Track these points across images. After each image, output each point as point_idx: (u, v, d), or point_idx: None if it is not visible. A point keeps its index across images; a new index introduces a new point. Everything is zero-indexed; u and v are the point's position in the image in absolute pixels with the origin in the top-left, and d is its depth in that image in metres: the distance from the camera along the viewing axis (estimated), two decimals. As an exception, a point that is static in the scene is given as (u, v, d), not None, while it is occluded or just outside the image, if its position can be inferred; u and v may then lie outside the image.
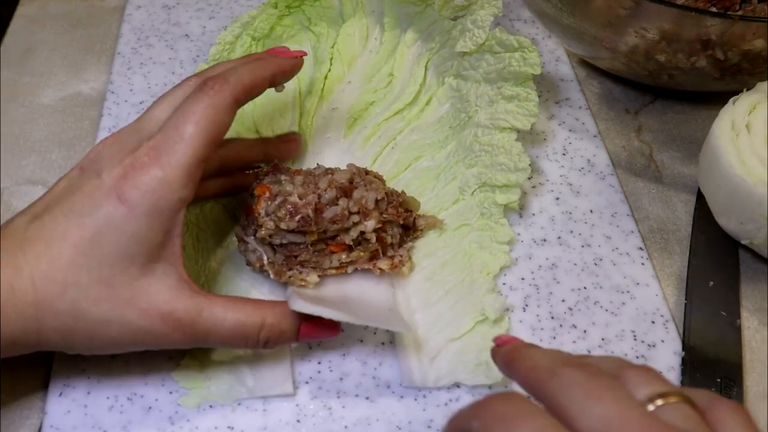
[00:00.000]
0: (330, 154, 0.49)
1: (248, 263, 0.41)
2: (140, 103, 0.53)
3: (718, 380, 0.39)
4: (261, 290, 0.42)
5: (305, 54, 0.42)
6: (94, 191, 0.34)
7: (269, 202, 0.39)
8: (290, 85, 0.47)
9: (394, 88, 0.52)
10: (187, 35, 0.59)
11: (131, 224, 0.33)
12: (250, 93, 0.38)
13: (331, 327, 0.38)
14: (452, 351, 0.39)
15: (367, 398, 0.38)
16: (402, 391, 0.39)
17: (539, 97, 0.46)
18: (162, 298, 0.34)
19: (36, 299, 0.33)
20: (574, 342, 0.41)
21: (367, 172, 0.43)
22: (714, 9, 0.50)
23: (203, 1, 0.62)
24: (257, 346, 0.37)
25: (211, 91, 0.36)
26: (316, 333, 0.38)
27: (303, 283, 0.40)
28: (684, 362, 0.40)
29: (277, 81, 0.40)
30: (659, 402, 0.25)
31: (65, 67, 0.56)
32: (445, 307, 0.41)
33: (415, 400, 0.38)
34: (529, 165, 0.44)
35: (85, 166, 0.36)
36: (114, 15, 0.61)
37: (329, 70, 0.53)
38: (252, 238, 0.41)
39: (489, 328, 0.40)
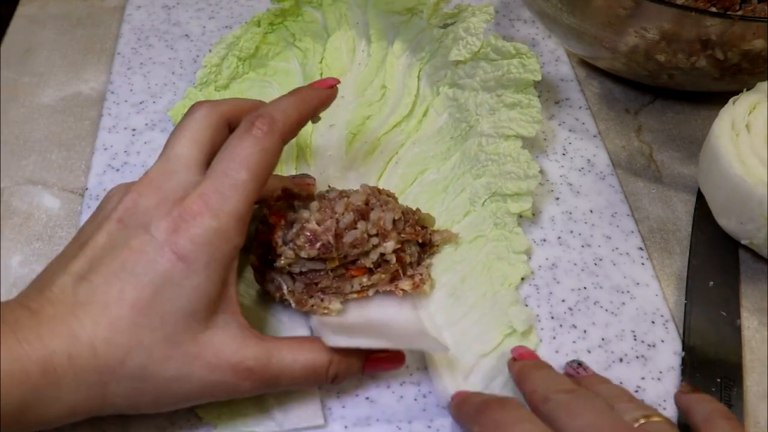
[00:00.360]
0: (335, 172, 0.48)
1: (266, 293, 0.40)
2: (140, 102, 0.53)
3: (718, 380, 0.39)
4: (281, 319, 0.41)
5: (339, 82, 0.41)
6: (144, 247, 0.32)
7: (286, 231, 0.38)
8: None
9: (388, 100, 0.51)
10: (187, 35, 0.59)
11: (190, 279, 0.32)
12: (296, 130, 0.37)
13: (396, 358, 0.37)
14: (485, 367, 0.39)
15: (367, 398, 0.38)
16: (402, 391, 0.39)
17: (539, 96, 0.46)
18: (229, 348, 0.33)
19: (98, 366, 0.31)
20: (574, 342, 0.41)
21: (380, 191, 0.42)
22: (714, 9, 0.50)
23: (203, 1, 0.62)
24: (326, 383, 0.36)
25: (259, 133, 0.34)
26: (381, 365, 0.37)
27: (326, 311, 0.39)
28: (684, 362, 0.40)
29: (317, 113, 0.39)
30: (642, 421, 0.30)
31: (65, 67, 0.56)
32: (470, 323, 0.41)
33: (415, 400, 0.38)
34: (540, 172, 0.44)
35: (125, 218, 0.34)
36: (114, 15, 0.61)
37: None
38: (269, 267, 0.39)
39: (518, 341, 0.40)
